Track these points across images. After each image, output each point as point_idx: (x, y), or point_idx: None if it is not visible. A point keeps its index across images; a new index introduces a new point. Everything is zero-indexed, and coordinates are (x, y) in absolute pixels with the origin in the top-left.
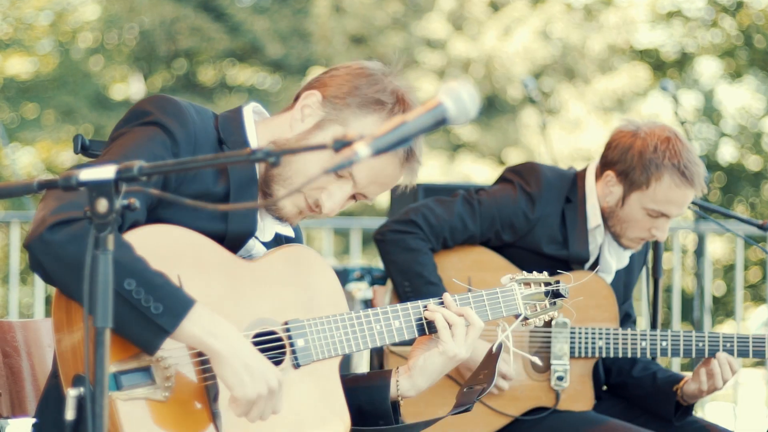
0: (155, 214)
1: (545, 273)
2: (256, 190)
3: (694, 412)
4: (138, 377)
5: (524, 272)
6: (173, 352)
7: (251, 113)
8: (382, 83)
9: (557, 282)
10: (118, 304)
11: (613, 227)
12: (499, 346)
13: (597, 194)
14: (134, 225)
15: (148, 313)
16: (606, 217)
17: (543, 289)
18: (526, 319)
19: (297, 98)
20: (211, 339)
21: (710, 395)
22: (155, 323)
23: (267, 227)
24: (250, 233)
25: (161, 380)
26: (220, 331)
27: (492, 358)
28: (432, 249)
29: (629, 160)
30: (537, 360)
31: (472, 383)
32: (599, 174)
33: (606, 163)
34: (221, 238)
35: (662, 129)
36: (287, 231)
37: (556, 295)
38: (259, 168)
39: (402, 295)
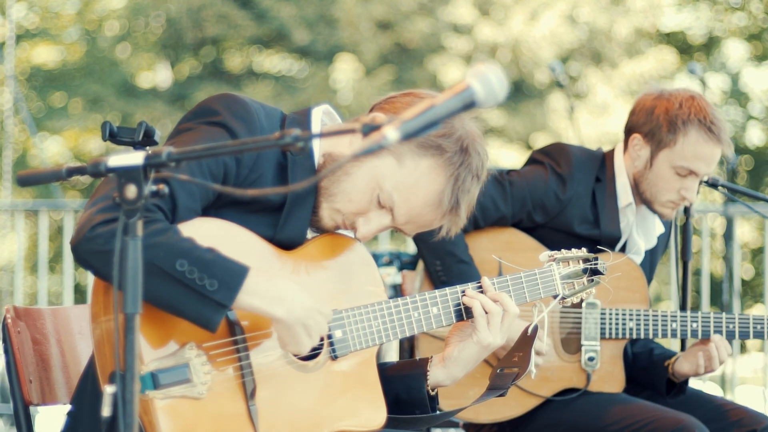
0: (206, 215)
1: (584, 249)
2: (312, 202)
3: (724, 395)
4: (175, 375)
5: (563, 250)
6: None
7: (320, 115)
8: (452, 126)
9: (596, 259)
10: (172, 286)
11: (644, 193)
12: (535, 328)
13: (626, 167)
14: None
15: (204, 291)
16: (637, 183)
17: (581, 266)
18: (563, 298)
19: (371, 111)
20: (269, 306)
21: (740, 379)
22: (212, 300)
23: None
24: (297, 244)
25: (198, 377)
26: (278, 295)
27: (527, 340)
28: (463, 229)
29: (655, 120)
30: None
31: (505, 365)
32: (626, 145)
33: (631, 128)
34: None
35: (685, 90)
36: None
37: (594, 272)
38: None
39: (433, 275)
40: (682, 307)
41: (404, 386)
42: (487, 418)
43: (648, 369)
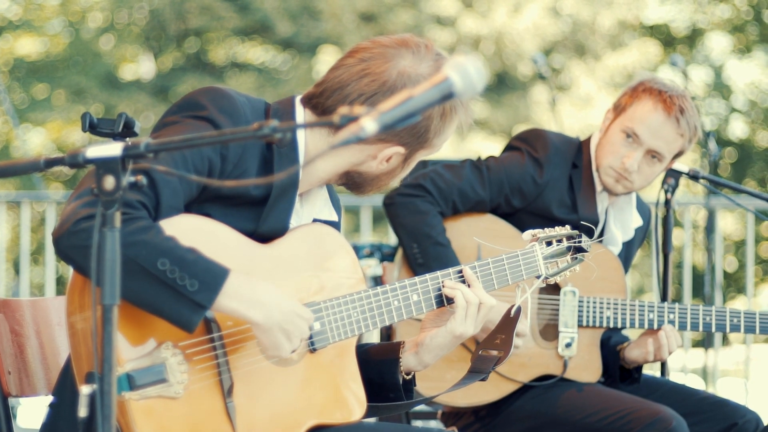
0: (189, 210)
1: (567, 227)
2: (295, 194)
3: (706, 387)
4: (151, 375)
5: (546, 228)
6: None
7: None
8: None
9: (580, 236)
10: (153, 285)
11: (596, 161)
12: (518, 310)
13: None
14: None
15: (184, 291)
16: (596, 153)
17: (565, 244)
18: (546, 278)
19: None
20: (248, 310)
21: (722, 372)
22: (192, 300)
23: (303, 220)
24: (278, 235)
25: (175, 377)
26: (257, 298)
27: (510, 322)
28: (441, 213)
29: (625, 89)
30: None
31: (487, 347)
32: None
33: None
34: (249, 237)
35: (675, 83)
36: (330, 217)
37: (578, 250)
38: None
39: (411, 258)
40: (663, 299)
41: (377, 372)
42: (464, 401)
43: (605, 356)
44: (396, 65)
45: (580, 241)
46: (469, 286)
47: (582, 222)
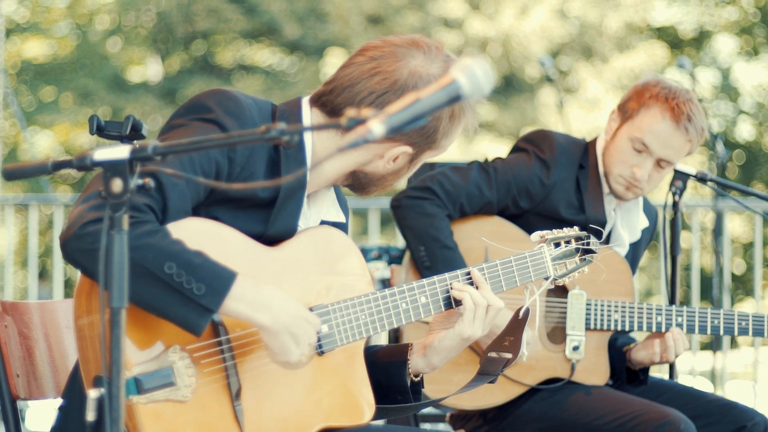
0: (197, 213)
1: (576, 228)
2: (303, 196)
3: (714, 390)
4: (159, 379)
5: (555, 230)
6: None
7: (309, 104)
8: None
9: (588, 237)
10: (160, 288)
11: (604, 166)
12: (527, 311)
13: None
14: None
15: (191, 295)
16: (603, 157)
17: (573, 245)
18: (555, 280)
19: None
20: (255, 313)
21: (730, 374)
22: (199, 304)
23: (311, 222)
24: (287, 237)
25: (182, 380)
26: (264, 302)
27: (519, 323)
28: (449, 216)
29: (631, 92)
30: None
31: (495, 349)
32: None
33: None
34: (258, 239)
35: (681, 84)
36: (338, 218)
37: (587, 251)
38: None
39: (418, 261)
40: (671, 301)
41: (385, 374)
42: (471, 404)
43: (611, 357)
44: (407, 65)
45: (588, 243)
46: (477, 288)
47: (590, 225)
